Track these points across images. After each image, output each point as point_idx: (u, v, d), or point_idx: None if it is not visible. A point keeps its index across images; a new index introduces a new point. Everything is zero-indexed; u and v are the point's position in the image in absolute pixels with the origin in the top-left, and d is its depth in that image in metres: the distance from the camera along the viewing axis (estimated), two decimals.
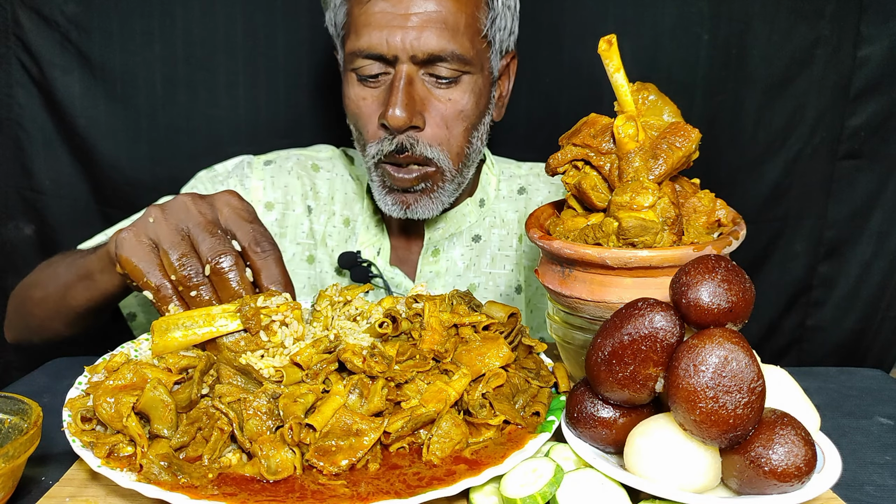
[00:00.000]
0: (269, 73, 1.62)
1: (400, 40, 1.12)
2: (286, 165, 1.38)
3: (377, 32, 1.12)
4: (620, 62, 0.83)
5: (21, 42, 1.55)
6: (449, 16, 1.13)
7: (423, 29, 1.12)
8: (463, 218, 1.36)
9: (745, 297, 0.67)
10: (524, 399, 0.82)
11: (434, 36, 1.12)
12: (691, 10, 1.59)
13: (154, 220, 0.90)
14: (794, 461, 0.64)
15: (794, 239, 1.74)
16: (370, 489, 0.69)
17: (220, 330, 0.82)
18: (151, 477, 0.68)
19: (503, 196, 1.40)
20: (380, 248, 1.36)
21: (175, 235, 0.88)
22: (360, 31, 1.14)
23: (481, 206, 1.38)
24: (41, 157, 1.63)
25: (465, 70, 1.17)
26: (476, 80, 1.19)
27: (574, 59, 1.59)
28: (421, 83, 1.16)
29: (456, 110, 1.18)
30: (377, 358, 0.78)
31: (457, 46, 1.14)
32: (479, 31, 1.18)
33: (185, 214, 0.90)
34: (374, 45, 1.13)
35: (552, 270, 0.87)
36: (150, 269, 0.87)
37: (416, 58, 1.13)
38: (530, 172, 1.44)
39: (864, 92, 1.64)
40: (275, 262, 0.90)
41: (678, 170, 0.84)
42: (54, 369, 1.13)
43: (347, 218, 1.38)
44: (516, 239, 1.38)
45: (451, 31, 1.13)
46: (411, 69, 1.14)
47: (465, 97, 1.18)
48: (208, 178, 1.37)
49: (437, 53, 1.13)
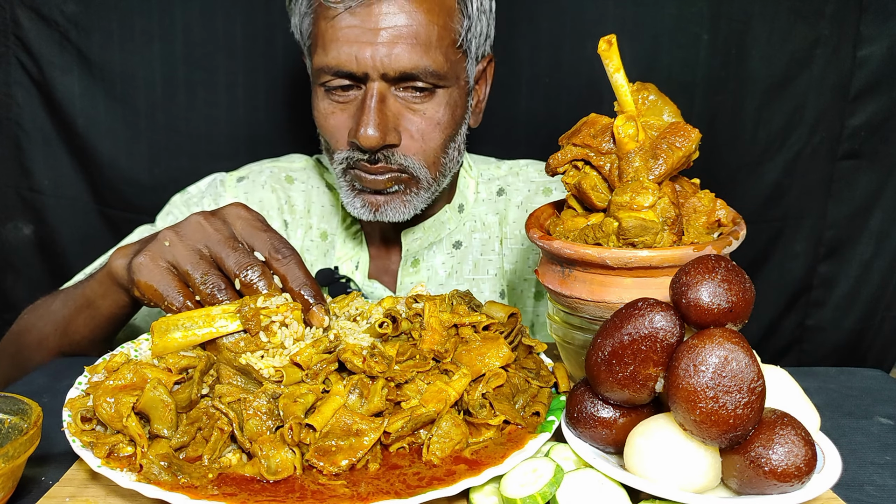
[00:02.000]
0: (268, 73, 1.62)
1: (370, 57, 1.07)
2: (259, 180, 1.36)
3: (346, 48, 1.07)
4: (620, 62, 0.83)
5: (20, 42, 1.55)
6: (421, 29, 1.07)
7: (393, 45, 1.07)
8: (442, 225, 1.33)
9: (745, 297, 0.67)
10: (524, 399, 0.82)
11: (406, 52, 1.07)
12: (691, 10, 1.59)
13: (170, 243, 0.90)
14: (794, 461, 0.64)
15: (794, 239, 1.74)
16: (370, 489, 0.68)
17: (219, 330, 0.82)
18: (151, 477, 0.68)
19: (482, 199, 1.37)
20: (358, 261, 1.33)
21: (194, 256, 0.89)
22: (328, 46, 1.09)
23: (461, 212, 1.35)
24: (40, 157, 1.63)
25: (440, 84, 1.12)
26: (451, 92, 1.15)
27: (574, 59, 1.60)
28: (393, 99, 1.12)
29: (432, 124, 1.14)
30: (377, 358, 0.78)
31: (430, 62, 1.09)
32: (454, 41, 1.13)
33: (200, 234, 0.90)
34: (343, 62, 1.08)
35: (552, 270, 0.87)
36: (170, 292, 0.88)
37: (388, 75, 1.08)
38: (509, 172, 1.40)
39: (863, 92, 1.64)
40: (297, 265, 0.90)
41: (678, 170, 0.84)
42: (54, 369, 1.12)
43: (325, 231, 1.36)
44: (497, 242, 1.35)
45: (424, 45, 1.08)
46: (382, 86, 1.09)
47: (441, 110, 1.14)
48: (182, 201, 1.35)
49: (410, 71, 1.08)
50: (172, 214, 1.34)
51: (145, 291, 0.89)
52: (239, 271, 0.87)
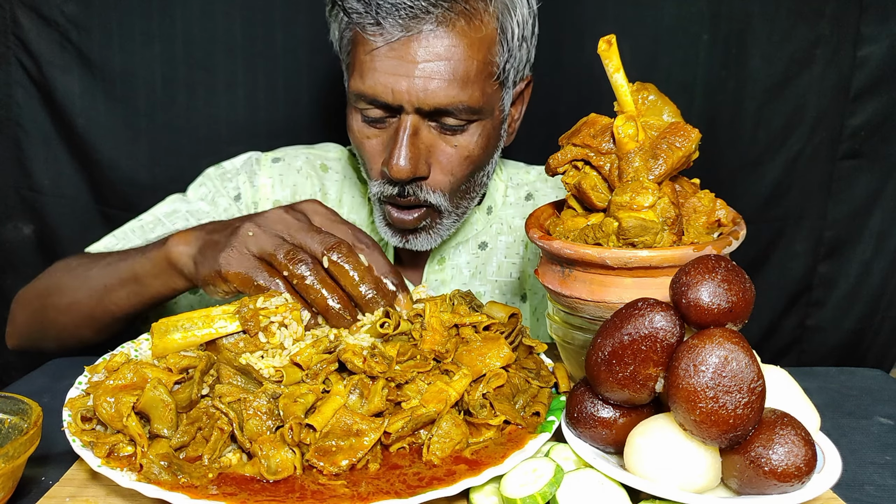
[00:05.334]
0: (268, 73, 1.62)
1: (406, 91, 1.06)
2: (295, 164, 1.37)
3: (382, 80, 1.07)
4: (620, 62, 0.83)
5: (20, 42, 1.55)
6: (459, 64, 1.06)
7: (430, 80, 1.05)
8: (470, 226, 1.34)
9: (745, 297, 0.67)
10: (524, 399, 0.82)
11: (442, 88, 1.06)
12: (691, 10, 1.59)
13: (253, 233, 0.92)
14: (794, 461, 0.64)
15: (794, 239, 1.74)
16: (370, 489, 0.69)
17: (219, 331, 0.82)
18: (151, 477, 0.68)
19: (510, 203, 1.38)
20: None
21: (276, 240, 0.91)
22: (365, 75, 1.08)
23: (489, 214, 1.36)
24: (40, 157, 1.63)
25: (474, 119, 1.12)
26: (485, 124, 1.14)
27: (574, 59, 1.59)
28: (427, 130, 1.11)
29: (462, 156, 1.13)
30: (377, 358, 0.78)
31: (466, 98, 1.07)
32: (492, 74, 1.11)
33: (282, 224, 0.93)
34: (379, 93, 1.07)
35: (552, 270, 0.87)
36: (257, 273, 0.90)
37: (422, 109, 1.08)
38: (538, 178, 1.41)
39: (864, 92, 1.64)
40: (380, 254, 0.93)
41: (678, 170, 0.84)
42: (54, 369, 1.13)
43: (354, 221, 1.35)
44: (522, 246, 1.36)
45: (461, 81, 1.06)
46: (416, 119, 1.09)
47: (473, 142, 1.13)
48: (217, 174, 1.35)
49: (445, 107, 1.07)
50: (205, 186, 1.34)
51: (233, 281, 0.91)
52: (326, 249, 0.89)
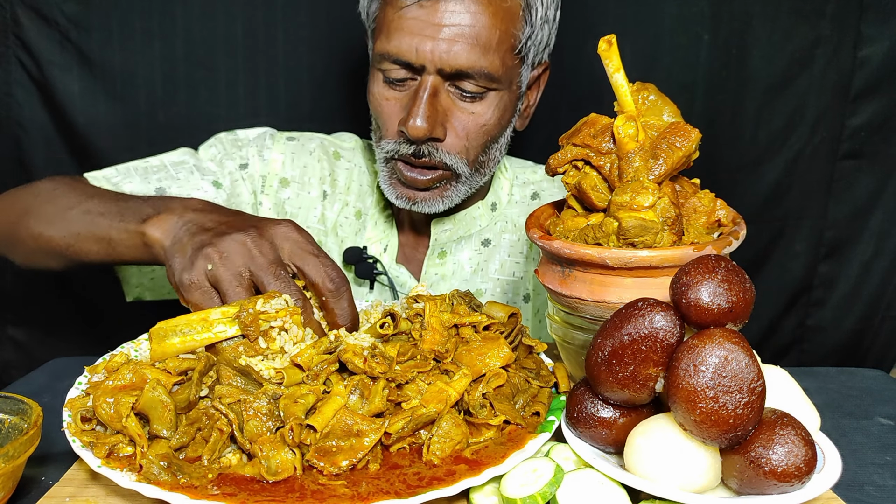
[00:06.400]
0: (268, 72, 1.62)
1: (430, 51, 1.10)
2: (308, 146, 1.38)
3: (407, 39, 1.10)
4: (620, 62, 0.83)
5: (20, 41, 1.55)
6: (483, 31, 1.10)
7: (453, 42, 1.09)
8: (473, 221, 1.35)
9: (745, 297, 0.67)
10: (524, 399, 0.82)
11: (465, 51, 1.10)
12: (691, 10, 1.59)
13: (213, 266, 0.87)
14: (794, 461, 0.64)
15: (794, 239, 1.74)
16: (370, 489, 0.69)
17: (218, 335, 0.82)
18: (151, 477, 0.68)
19: (516, 201, 1.39)
20: (387, 244, 1.35)
21: (234, 281, 0.86)
22: (392, 34, 1.12)
23: (493, 210, 1.37)
24: (40, 157, 1.63)
25: (492, 87, 1.15)
26: (502, 95, 1.17)
27: (574, 59, 1.59)
28: (446, 94, 1.14)
29: (478, 124, 1.16)
30: (378, 358, 0.78)
31: (486, 64, 1.11)
32: (513, 47, 1.15)
33: (245, 258, 0.87)
34: (403, 51, 1.11)
35: (552, 270, 0.87)
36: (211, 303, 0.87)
37: (444, 71, 1.11)
38: (544, 178, 1.42)
39: (864, 92, 1.64)
40: (348, 301, 0.89)
41: (678, 170, 0.84)
42: (54, 369, 1.13)
43: (360, 210, 1.38)
44: (527, 246, 1.37)
45: (483, 47, 1.10)
46: (437, 81, 1.12)
47: (489, 112, 1.16)
48: (228, 139, 1.36)
49: (466, 70, 1.11)
50: (215, 147, 1.35)
51: (190, 306, 0.88)
52: None
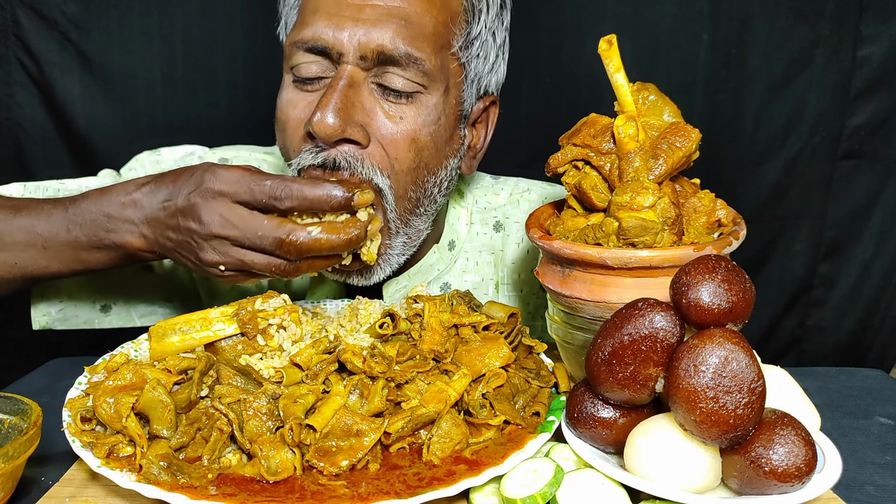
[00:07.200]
0: (268, 72, 1.61)
1: (348, 34, 0.92)
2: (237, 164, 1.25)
3: (324, 20, 0.93)
4: (620, 62, 0.83)
5: (21, 42, 1.56)
6: (412, 14, 0.93)
7: (377, 23, 0.92)
8: (430, 268, 1.15)
9: (745, 297, 0.67)
10: (524, 399, 0.82)
11: (389, 32, 0.92)
12: (691, 10, 1.59)
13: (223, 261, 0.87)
14: (794, 461, 0.64)
15: (794, 239, 1.74)
16: (370, 489, 0.68)
17: (217, 334, 0.82)
18: (151, 477, 0.68)
19: (476, 232, 1.18)
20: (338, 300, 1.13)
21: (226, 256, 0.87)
22: (307, 18, 0.95)
23: (451, 250, 1.17)
24: (40, 157, 1.63)
25: (424, 85, 0.95)
26: (437, 103, 0.97)
27: (574, 59, 1.60)
28: (368, 92, 0.95)
29: (406, 134, 0.95)
30: (377, 358, 0.78)
31: (414, 49, 0.93)
32: (449, 45, 0.98)
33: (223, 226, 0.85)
34: (318, 34, 0.93)
35: (552, 270, 0.87)
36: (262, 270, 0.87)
37: (366, 58, 0.93)
38: (508, 201, 1.21)
39: (864, 92, 1.64)
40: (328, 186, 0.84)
41: (678, 170, 0.84)
42: (54, 369, 1.13)
43: None
44: (492, 286, 1.17)
45: (412, 32, 0.93)
46: (357, 72, 0.93)
47: (420, 120, 0.96)
48: (150, 161, 1.24)
49: (390, 52, 0.92)
50: (135, 171, 1.23)
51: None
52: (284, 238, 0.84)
